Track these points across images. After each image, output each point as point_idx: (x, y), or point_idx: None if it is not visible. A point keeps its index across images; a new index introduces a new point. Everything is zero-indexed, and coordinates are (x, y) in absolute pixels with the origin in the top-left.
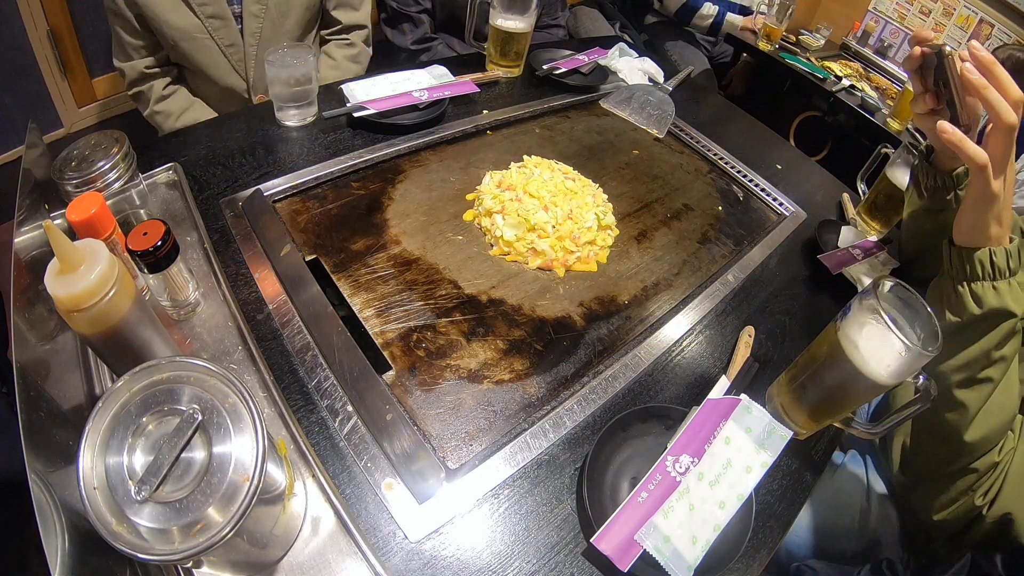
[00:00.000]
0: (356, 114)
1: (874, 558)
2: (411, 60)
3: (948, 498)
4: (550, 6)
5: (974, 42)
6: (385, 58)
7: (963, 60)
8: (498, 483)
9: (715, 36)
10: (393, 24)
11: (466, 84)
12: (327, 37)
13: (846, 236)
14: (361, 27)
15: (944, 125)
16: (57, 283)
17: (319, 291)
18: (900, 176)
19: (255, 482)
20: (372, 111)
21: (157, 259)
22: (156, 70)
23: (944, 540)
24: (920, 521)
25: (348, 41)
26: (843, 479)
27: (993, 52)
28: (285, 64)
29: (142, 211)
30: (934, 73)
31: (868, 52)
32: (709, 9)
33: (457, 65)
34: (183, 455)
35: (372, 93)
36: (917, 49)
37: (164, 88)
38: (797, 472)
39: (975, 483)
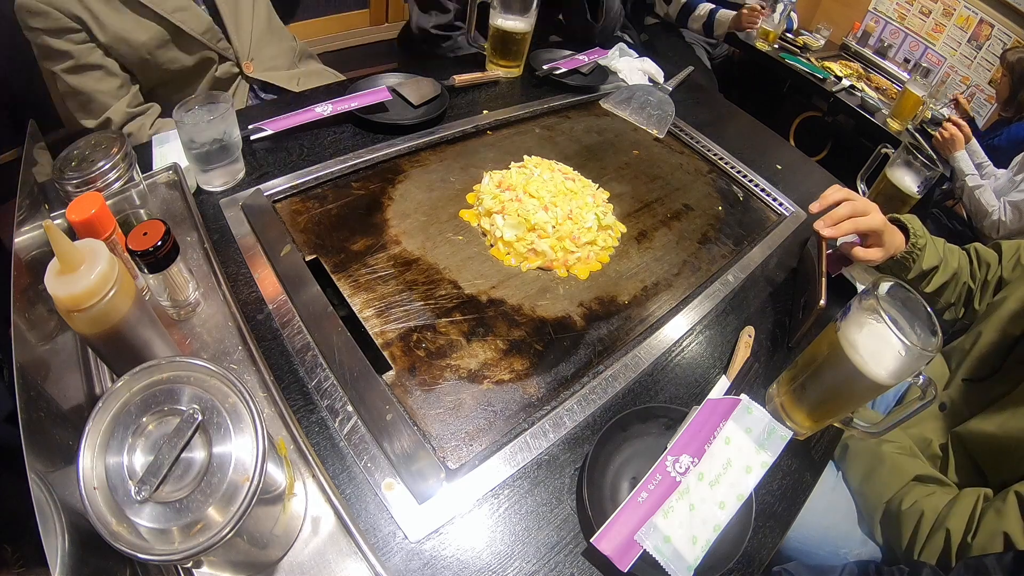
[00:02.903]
0: (253, 137)
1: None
2: (432, 46)
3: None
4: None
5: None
6: (406, 41)
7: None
8: (498, 483)
9: (711, 36)
10: (423, 8)
11: (380, 92)
12: None
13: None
14: None
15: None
16: (57, 283)
17: (319, 291)
18: (900, 176)
19: (255, 482)
20: (269, 132)
21: (157, 259)
22: (143, 105)
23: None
24: None
25: None
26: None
27: (1003, 54)
28: (201, 123)
29: (142, 211)
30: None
31: (868, 52)
32: (702, 9)
33: (456, 65)
34: (183, 455)
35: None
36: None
37: (157, 117)
38: (797, 472)
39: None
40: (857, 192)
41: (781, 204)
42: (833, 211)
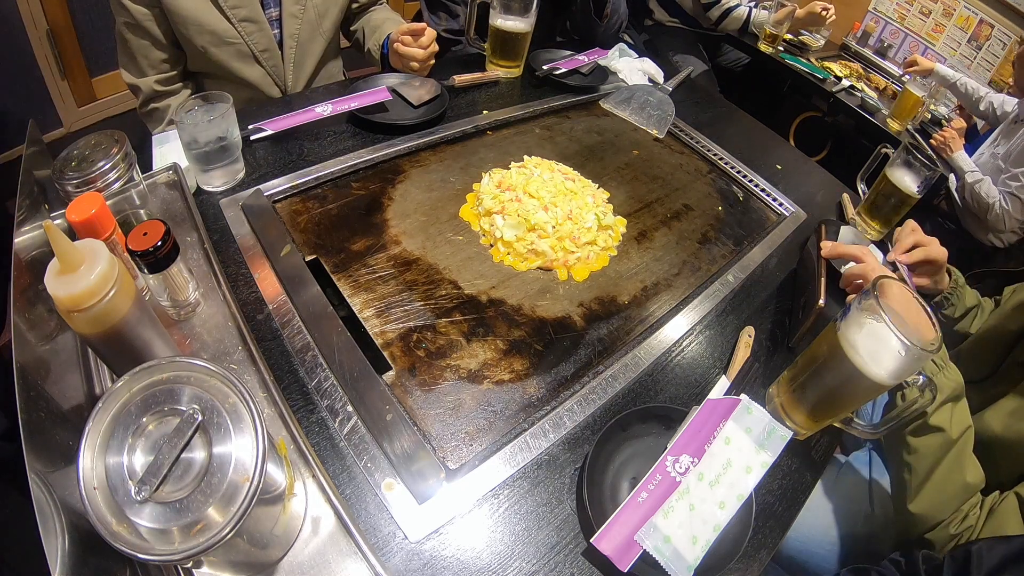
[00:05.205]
0: (253, 137)
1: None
2: (442, 50)
3: None
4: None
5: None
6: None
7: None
8: (498, 483)
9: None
10: (432, 9)
11: (380, 92)
12: (357, 11)
13: (845, 236)
14: None
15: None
16: (57, 283)
17: (319, 291)
18: (900, 176)
19: (255, 482)
20: (269, 132)
21: (157, 259)
22: (175, 86)
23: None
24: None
25: (381, 4)
26: (845, 481)
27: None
28: (201, 123)
29: (142, 211)
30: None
31: (868, 52)
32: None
33: (456, 65)
34: (183, 455)
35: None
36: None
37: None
38: (797, 472)
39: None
40: (858, 192)
41: (781, 204)
42: (911, 253)
